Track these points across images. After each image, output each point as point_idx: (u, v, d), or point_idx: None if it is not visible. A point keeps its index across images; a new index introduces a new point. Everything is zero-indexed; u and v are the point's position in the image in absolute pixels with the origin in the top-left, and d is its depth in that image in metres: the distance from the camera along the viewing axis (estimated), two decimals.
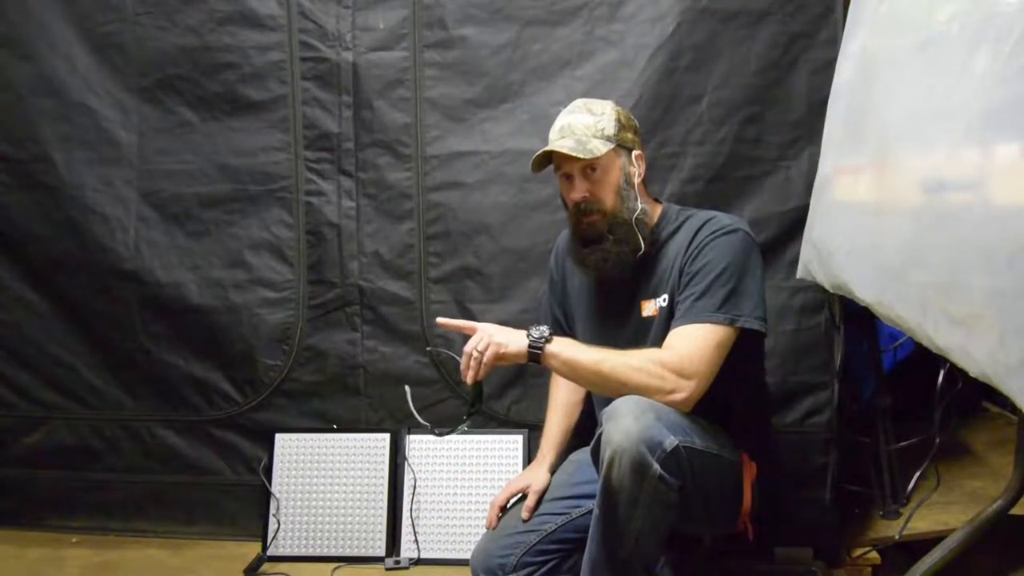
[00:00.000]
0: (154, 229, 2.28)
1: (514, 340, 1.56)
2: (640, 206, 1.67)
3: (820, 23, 2.04)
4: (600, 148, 1.63)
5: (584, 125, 1.65)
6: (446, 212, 2.20)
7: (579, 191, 1.66)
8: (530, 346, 1.56)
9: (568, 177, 1.68)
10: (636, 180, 1.68)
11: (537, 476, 1.85)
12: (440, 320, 1.67)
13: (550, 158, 1.70)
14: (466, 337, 1.69)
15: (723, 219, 1.67)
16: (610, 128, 1.65)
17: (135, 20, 2.26)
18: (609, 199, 1.66)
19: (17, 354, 2.34)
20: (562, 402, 1.94)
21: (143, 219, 2.28)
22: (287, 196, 2.24)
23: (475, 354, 1.55)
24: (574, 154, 1.62)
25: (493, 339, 1.55)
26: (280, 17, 2.21)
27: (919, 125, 1.23)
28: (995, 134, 1.00)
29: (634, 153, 1.69)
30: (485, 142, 2.17)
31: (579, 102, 1.72)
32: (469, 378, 1.56)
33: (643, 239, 1.65)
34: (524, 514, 1.79)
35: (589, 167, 1.65)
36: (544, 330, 1.58)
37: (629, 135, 1.69)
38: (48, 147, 2.29)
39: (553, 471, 1.87)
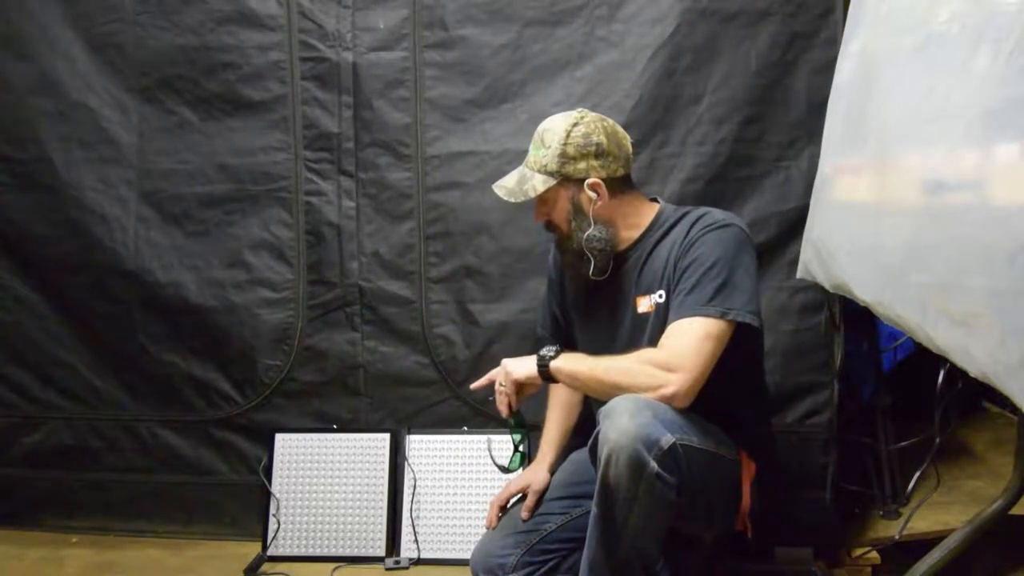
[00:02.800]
0: (153, 229, 2.28)
1: (525, 364, 1.65)
2: (593, 232, 1.67)
3: (820, 23, 2.04)
4: (538, 187, 1.68)
5: (533, 159, 1.70)
6: (446, 212, 2.20)
7: (537, 216, 1.75)
8: (538, 366, 1.63)
9: None
10: (591, 206, 1.67)
11: (537, 476, 1.86)
12: (473, 386, 1.76)
13: None
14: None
15: (716, 214, 1.68)
16: (552, 164, 1.67)
17: (135, 20, 2.26)
18: (562, 226, 1.71)
19: (17, 354, 2.34)
20: (561, 402, 1.94)
21: (143, 219, 2.28)
22: (287, 196, 2.24)
23: (500, 388, 1.67)
24: (507, 199, 1.71)
25: (507, 369, 1.66)
26: (280, 17, 2.21)
27: (919, 125, 1.23)
28: (995, 134, 1.00)
29: (588, 181, 1.67)
30: (485, 142, 2.18)
31: (541, 128, 1.71)
32: (504, 412, 1.68)
33: (596, 260, 1.69)
34: (524, 514, 1.80)
35: (539, 197, 1.70)
36: (551, 349, 1.64)
37: (581, 165, 1.66)
38: (48, 147, 2.29)
39: (553, 471, 1.88)
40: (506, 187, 1.72)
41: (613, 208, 1.69)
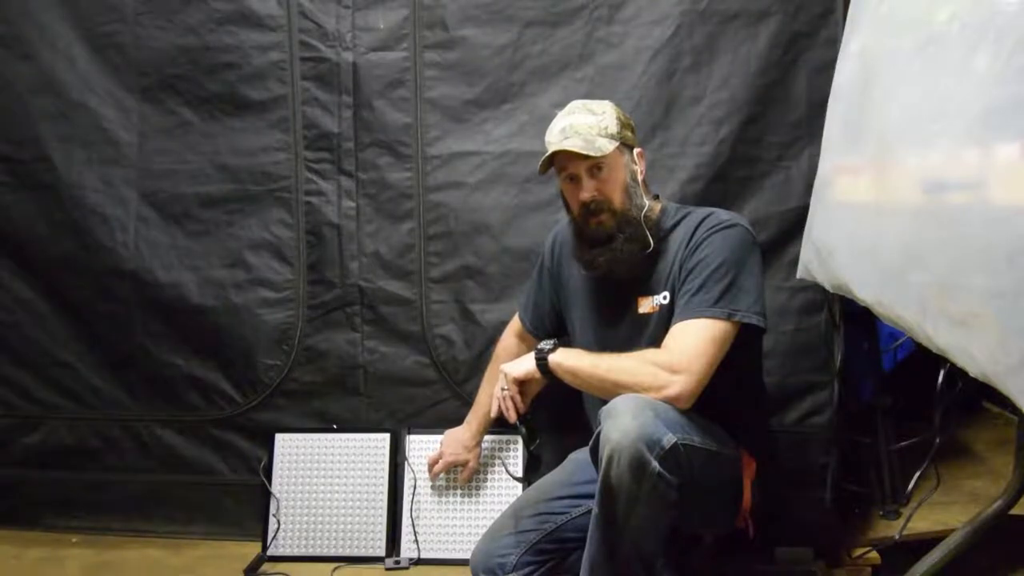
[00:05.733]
0: (154, 229, 2.28)
1: (523, 361, 1.66)
2: (646, 202, 1.68)
3: (820, 23, 2.04)
4: (607, 146, 1.64)
5: (587, 125, 1.66)
6: (447, 212, 2.20)
7: (587, 191, 1.66)
8: (536, 359, 1.63)
9: (573, 178, 1.69)
10: (640, 177, 1.69)
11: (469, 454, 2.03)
12: (492, 414, 1.76)
13: (551, 160, 1.70)
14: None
15: (722, 215, 1.68)
16: (613, 126, 1.66)
17: (135, 20, 2.26)
18: (617, 197, 1.67)
19: (17, 354, 2.34)
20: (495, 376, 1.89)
21: (143, 219, 2.28)
22: (287, 196, 2.24)
23: (500, 393, 1.67)
24: (584, 152, 1.62)
25: (504, 370, 1.67)
26: (280, 17, 2.21)
27: (919, 125, 1.23)
28: (995, 134, 1.00)
29: (635, 151, 1.70)
30: (486, 143, 2.18)
31: (577, 103, 1.73)
32: (511, 418, 1.66)
33: (651, 235, 1.67)
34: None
35: (596, 166, 1.65)
36: (549, 343, 1.64)
37: (629, 133, 1.71)
38: (48, 147, 2.29)
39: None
40: (577, 144, 1.62)
41: (645, 187, 1.72)
